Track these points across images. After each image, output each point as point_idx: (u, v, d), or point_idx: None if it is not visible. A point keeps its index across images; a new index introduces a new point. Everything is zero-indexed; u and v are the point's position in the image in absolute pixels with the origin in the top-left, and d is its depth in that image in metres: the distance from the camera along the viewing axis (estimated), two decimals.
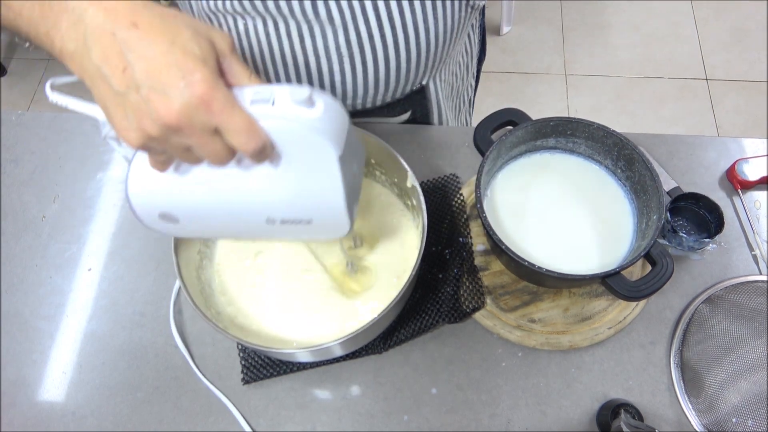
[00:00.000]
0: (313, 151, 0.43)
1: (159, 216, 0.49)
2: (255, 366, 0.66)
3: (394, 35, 0.66)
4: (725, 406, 0.62)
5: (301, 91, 0.41)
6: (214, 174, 0.45)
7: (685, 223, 0.73)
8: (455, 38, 0.73)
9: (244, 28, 0.65)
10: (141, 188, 0.47)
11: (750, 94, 1.95)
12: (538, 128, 0.68)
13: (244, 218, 0.49)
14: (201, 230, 0.53)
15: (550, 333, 0.67)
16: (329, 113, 0.43)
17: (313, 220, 0.49)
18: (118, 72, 0.38)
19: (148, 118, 0.38)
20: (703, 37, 2.09)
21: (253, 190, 0.46)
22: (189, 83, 0.37)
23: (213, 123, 0.39)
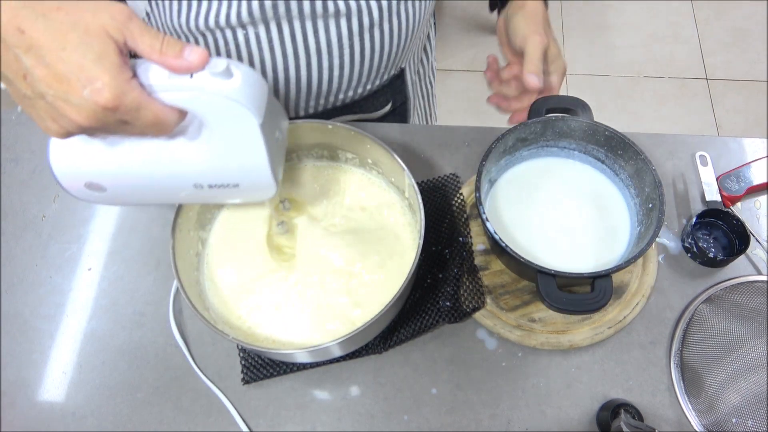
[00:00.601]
0: (235, 120, 0.45)
1: (85, 185, 0.50)
2: (255, 366, 0.66)
3: (390, 22, 0.67)
4: (725, 407, 0.62)
5: (219, 63, 0.42)
6: (139, 144, 0.47)
7: (710, 238, 0.74)
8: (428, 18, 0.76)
9: (244, 39, 0.64)
10: (64, 159, 0.48)
11: (750, 93, 1.96)
12: (532, 129, 0.68)
13: (172, 184, 0.51)
14: (129, 197, 0.54)
15: (550, 333, 0.67)
16: (248, 83, 0.45)
17: (240, 185, 0.51)
18: (19, 78, 0.39)
19: (62, 121, 0.40)
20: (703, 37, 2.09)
21: (179, 158, 0.48)
22: (92, 92, 0.38)
23: (123, 119, 0.40)
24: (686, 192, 0.77)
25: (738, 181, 0.75)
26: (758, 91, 1.96)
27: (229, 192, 0.52)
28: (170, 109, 0.42)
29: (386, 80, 0.77)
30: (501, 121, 0.80)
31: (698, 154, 0.77)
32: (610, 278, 0.58)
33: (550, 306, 0.57)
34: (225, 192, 0.52)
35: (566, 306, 0.57)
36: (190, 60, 0.41)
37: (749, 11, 2.12)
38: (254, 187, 0.52)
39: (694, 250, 0.71)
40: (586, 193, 0.70)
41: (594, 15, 2.15)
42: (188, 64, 0.41)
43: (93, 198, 0.52)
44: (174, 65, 0.41)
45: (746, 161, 0.78)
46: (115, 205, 0.59)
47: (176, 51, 0.41)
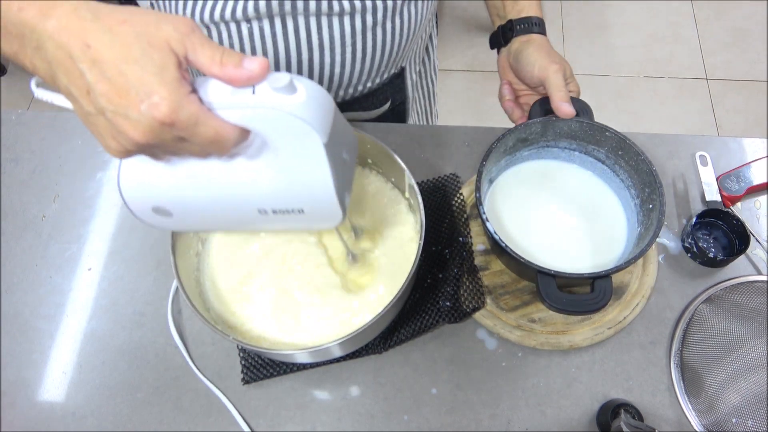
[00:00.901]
0: (298, 139, 0.43)
1: (152, 210, 0.48)
2: (255, 366, 0.66)
3: (393, 21, 0.68)
4: (725, 407, 0.62)
5: (281, 78, 0.40)
6: (203, 167, 0.45)
7: (710, 238, 0.74)
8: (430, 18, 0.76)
9: (248, 33, 0.65)
10: (133, 182, 0.47)
11: (750, 93, 1.96)
12: (532, 130, 0.68)
13: (236, 209, 0.48)
14: (196, 223, 0.52)
15: (550, 333, 0.67)
16: (312, 99, 0.42)
17: (304, 210, 0.48)
18: (83, 94, 0.38)
19: (121, 138, 0.39)
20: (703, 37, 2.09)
21: (242, 181, 0.46)
22: (149, 106, 0.37)
23: (181, 136, 0.39)
24: (686, 192, 0.77)
25: (738, 181, 0.75)
26: (758, 91, 1.96)
27: (295, 218, 0.49)
28: (230, 126, 0.41)
29: (386, 79, 0.78)
30: (501, 122, 0.80)
31: (698, 154, 0.77)
32: (609, 279, 0.58)
33: (550, 306, 0.57)
34: (290, 218, 0.49)
35: (566, 306, 0.57)
36: (250, 69, 0.40)
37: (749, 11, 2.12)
38: (320, 212, 0.49)
39: (694, 250, 0.71)
40: (585, 193, 0.70)
41: (594, 15, 2.15)
42: (249, 73, 0.40)
43: (161, 223, 0.50)
44: (234, 75, 0.40)
45: (746, 161, 0.78)
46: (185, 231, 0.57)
47: (236, 61, 0.39)
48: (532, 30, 0.73)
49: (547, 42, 0.73)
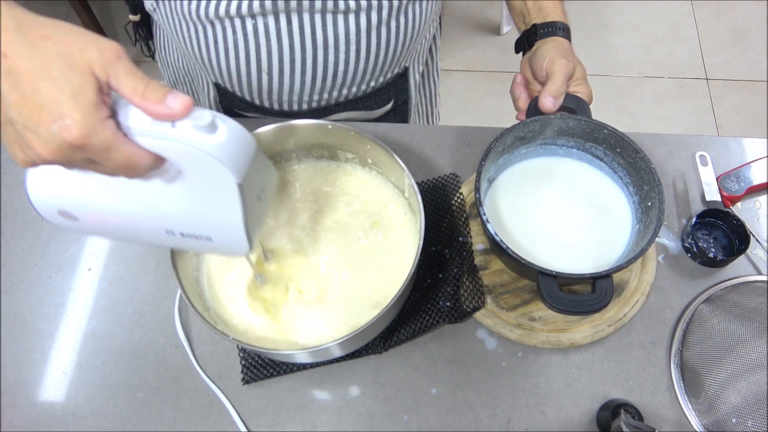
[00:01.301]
0: (213, 176, 0.43)
1: (58, 212, 0.48)
2: (255, 366, 0.66)
3: (397, 20, 0.68)
4: (725, 407, 0.62)
5: (203, 116, 0.40)
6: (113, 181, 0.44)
7: (710, 238, 0.74)
8: (434, 18, 0.76)
9: (252, 29, 0.65)
10: (40, 184, 0.47)
11: (750, 93, 1.96)
12: (530, 128, 0.68)
13: (144, 226, 0.49)
14: (101, 231, 0.52)
15: (550, 331, 0.67)
16: (232, 140, 0.42)
17: (212, 238, 0.49)
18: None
19: (28, 151, 0.39)
20: (703, 37, 2.09)
21: (152, 201, 0.46)
22: (60, 128, 0.37)
23: (90, 158, 0.39)
24: (686, 192, 0.77)
25: (738, 181, 0.75)
26: (758, 91, 1.96)
27: (202, 244, 0.50)
28: (145, 153, 0.41)
29: (390, 78, 0.78)
30: (500, 121, 0.80)
31: (698, 154, 0.77)
32: (611, 278, 0.58)
33: (552, 307, 0.57)
34: (197, 243, 0.50)
35: (568, 307, 0.57)
36: (172, 107, 0.39)
37: (749, 11, 2.12)
38: (227, 243, 0.50)
39: (694, 250, 0.71)
40: (585, 191, 0.70)
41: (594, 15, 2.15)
42: (170, 111, 0.39)
43: (67, 226, 0.50)
44: (154, 111, 0.39)
45: (746, 161, 0.78)
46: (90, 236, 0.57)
47: (158, 96, 0.39)
48: (556, 33, 0.73)
49: (568, 45, 0.73)
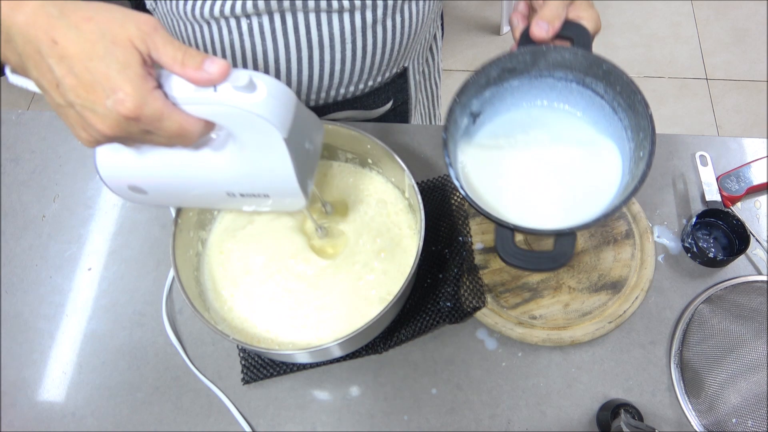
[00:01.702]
0: (260, 134, 0.45)
1: (128, 188, 0.52)
2: (255, 366, 0.66)
3: (393, 20, 0.68)
4: (725, 407, 0.62)
5: (241, 76, 0.42)
6: (171, 152, 0.47)
7: (710, 238, 0.74)
8: (433, 18, 0.76)
9: (247, 28, 0.65)
10: (109, 163, 0.50)
11: (750, 93, 1.95)
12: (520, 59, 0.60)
13: (206, 191, 0.52)
14: (170, 201, 0.56)
15: (551, 329, 0.67)
16: (272, 96, 0.44)
17: (270, 195, 0.52)
18: (53, 87, 0.40)
19: (90, 130, 0.41)
20: (703, 37, 2.09)
21: (210, 167, 0.49)
22: (114, 102, 0.39)
23: (147, 129, 0.41)
24: (686, 192, 0.77)
25: (738, 181, 0.75)
26: (758, 91, 1.96)
27: (261, 201, 0.53)
28: (195, 120, 0.43)
29: (388, 78, 0.78)
30: None
31: (698, 154, 0.77)
32: (573, 236, 0.53)
33: (505, 260, 0.53)
34: (257, 201, 0.53)
35: (520, 262, 0.53)
36: (210, 72, 0.41)
37: (749, 11, 2.12)
38: (284, 197, 0.52)
39: (694, 250, 0.71)
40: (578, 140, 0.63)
41: None
42: (208, 75, 0.41)
43: (138, 199, 0.53)
44: (194, 77, 0.41)
45: (746, 161, 0.78)
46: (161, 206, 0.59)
47: (197, 63, 0.41)
48: None
49: None
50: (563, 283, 0.70)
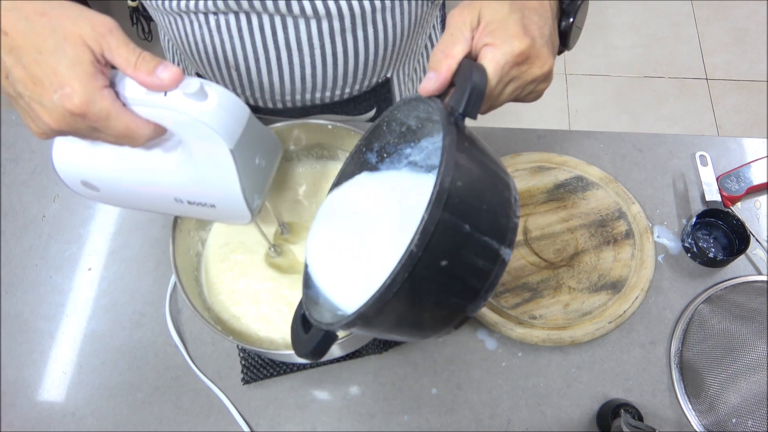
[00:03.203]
0: (207, 143, 0.45)
1: (81, 183, 0.52)
2: (255, 366, 0.66)
3: (365, 30, 0.66)
4: (725, 407, 0.62)
5: (192, 84, 0.42)
6: (124, 151, 0.47)
7: (710, 238, 0.74)
8: (417, 31, 0.74)
9: (215, 25, 0.65)
10: (64, 156, 0.50)
11: (750, 93, 1.95)
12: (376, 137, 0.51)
13: (155, 195, 0.52)
14: (121, 202, 0.55)
15: (551, 329, 0.67)
16: (221, 106, 0.44)
17: (216, 206, 0.51)
18: (4, 77, 0.41)
19: (38, 122, 0.41)
20: (703, 37, 2.09)
21: (159, 170, 0.49)
22: (61, 97, 0.39)
23: (93, 126, 0.41)
24: (686, 192, 0.77)
25: (738, 181, 0.75)
26: (758, 91, 1.95)
27: (208, 212, 0.52)
28: (143, 122, 0.43)
29: (368, 87, 0.76)
30: (500, 122, 0.80)
31: (698, 154, 0.77)
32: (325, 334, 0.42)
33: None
34: (204, 211, 0.52)
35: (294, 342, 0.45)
36: (161, 77, 0.41)
37: (749, 11, 2.12)
38: (230, 210, 0.52)
39: (694, 250, 0.71)
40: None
41: (594, 15, 2.15)
42: (159, 81, 0.41)
43: (90, 196, 0.53)
44: (146, 81, 0.41)
45: (746, 161, 0.78)
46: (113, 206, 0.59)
47: (150, 67, 0.41)
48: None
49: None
50: (563, 283, 0.70)
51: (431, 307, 0.39)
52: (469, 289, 0.39)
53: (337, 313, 0.44)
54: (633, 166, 0.79)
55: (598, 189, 0.76)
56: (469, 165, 0.38)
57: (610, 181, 0.76)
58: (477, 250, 0.38)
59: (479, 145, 0.41)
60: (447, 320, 0.41)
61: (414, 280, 0.35)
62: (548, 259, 0.71)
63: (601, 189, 0.76)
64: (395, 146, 0.52)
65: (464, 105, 0.40)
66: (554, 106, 1.92)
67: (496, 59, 0.43)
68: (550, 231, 0.73)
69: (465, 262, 0.38)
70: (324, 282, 0.47)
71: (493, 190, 0.39)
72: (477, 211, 0.38)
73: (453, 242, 0.36)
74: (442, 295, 0.38)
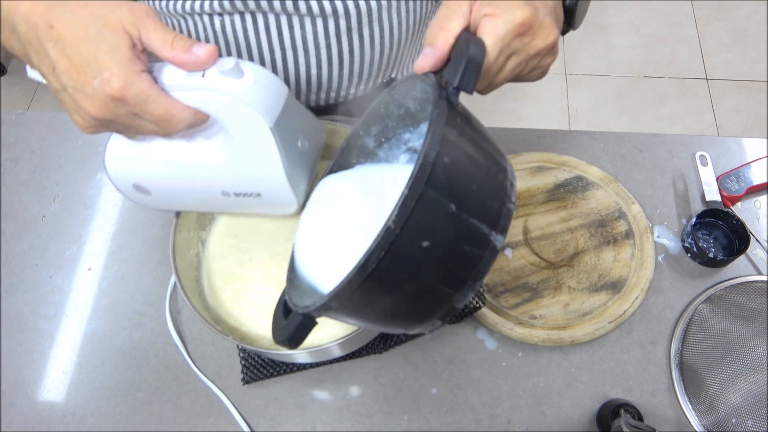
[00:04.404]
0: (247, 122, 0.45)
1: (133, 187, 0.52)
2: (255, 366, 0.66)
3: (371, 28, 0.66)
4: (725, 407, 0.62)
5: (227, 62, 0.43)
6: (170, 148, 0.48)
7: (710, 238, 0.74)
8: (422, 29, 0.74)
9: (220, 26, 0.65)
10: (116, 161, 0.50)
11: (750, 93, 1.95)
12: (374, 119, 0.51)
13: (203, 191, 0.52)
14: (171, 202, 0.55)
15: (551, 329, 0.67)
16: (259, 84, 0.44)
17: (261, 194, 0.51)
18: (50, 72, 0.42)
19: (82, 113, 0.42)
20: (703, 37, 2.09)
21: (203, 162, 0.49)
22: (101, 81, 0.40)
23: (133, 112, 0.42)
24: (686, 192, 0.77)
25: (738, 181, 0.75)
26: (758, 91, 1.95)
27: (254, 202, 0.52)
28: (182, 107, 0.43)
29: (373, 88, 0.76)
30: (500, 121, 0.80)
31: (698, 154, 0.77)
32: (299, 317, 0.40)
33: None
34: (251, 202, 0.52)
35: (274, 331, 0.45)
36: (197, 54, 0.42)
37: (749, 11, 2.12)
38: (275, 197, 0.51)
39: (694, 250, 0.71)
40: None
41: (594, 15, 2.15)
42: (195, 58, 0.42)
43: (142, 201, 0.54)
44: (183, 59, 0.42)
45: (746, 161, 0.78)
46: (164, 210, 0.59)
47: (185, 45, 0.42)
48: None
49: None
50: (563, 283, 0.70)
51: (413, 293, 0.36)
52: (455, 276, 0.36)
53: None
54: (633, 166, 0.79)
55: (598, 189, 0.76)
56: (459, 142, 0.36)
57: (610, 181, 0.76)
58: (464, 234, 0.35)
59: (475, 125, 0.39)
60: (432, 309, 0.39)
61: (392, 259, 0.33)
62: (548, 259, 0.71)
63: (601, 189, 0.76)
64: (394, 130, 0.51)
65: (459, 78, 0.37)
66: (554, 106, 1.92)
67: (497, 30, 0.41)
68: (550, 231, 0.73)
69: (450, 246, 0.35)
70: (307, 266, 0.46)
71: (485, 171, 0.37)
72: (465, 191, 0.35)
73: (436, 222, 0.34)
74: (425, 280, 0.36)
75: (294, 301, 0.43)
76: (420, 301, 0.37)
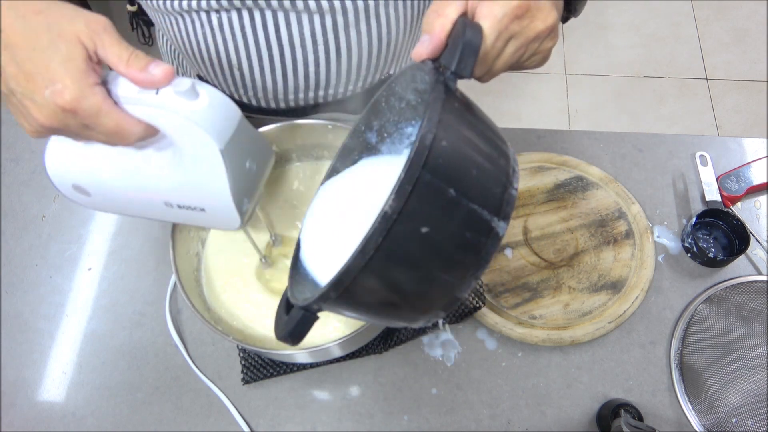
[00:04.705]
0: (197, 143, 0.45)
1: (73, 187, 0.51)
2: (255, 366, 0.66)
3: (368, 23, 0.66)
4: (725, 407, 0.62)
5: (183, 82, 0.42)
6: (116, 154, 0.47)
7: (710, 238, 0.74)
8: (419, 24, 0.73)
9: (218, 23, 0.65)
10: (56, 160, 0.50)
11: (750, 93, 1.95)
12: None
13: (145, 199, 0.51)
14: (111, 206, 0.54)
15: (551, 329, 0.67)
16: (212, 106, 0.44)
17: (205, 209, 0.51)
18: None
19: (30, 119, 0.42)
20: (703, 37, 2.09)
21: (149, 172, 0.48)
22: (53, 93, 0.39)
23: (84, 123, 0.41)
24: (686, 192, 0.77)
25: (738, 181, 0.75)
26: (758, 91, 1.95)
27: (198, 216, 0.52)
28: (134, 121, 0.43)
29: (370, 85, 0.76)
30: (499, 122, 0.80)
31: (698, 154, 0.77)
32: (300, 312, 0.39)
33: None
34: (193, 215, 0.52)
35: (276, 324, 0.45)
36: (153, 74, 0.41)
37: (749, 11, 2.12)
38: (219, 215, 0.51)
39: (694, 250, 0.71)
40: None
41: (594, 15, 2.15)
42: (151, 77, 0.41)
43: (81, 201, 0.53)
44: (137, 77, 0.41)
45: (746, 161, 0.78)
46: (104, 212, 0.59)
47: (142, 64, 0.41)
48: None
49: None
50: (563, 283, 0.70)
51: (413, 282, 0.35)
52: (457, 264, 0.35)
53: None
54: (633, 166, 0.79)
55: (598, 189, 0.76)
56: (457, 126, 0.35)
57: (610, 181, 0.76)
58: (465, 220, 0.34)
59: (474, 110, 0.38)
60: (433, 299, 0.37)
61: (391, 246, 0.32)
62: (548, 259, 0.71)
63: (601, 189, 0.76)
64: (395, 125, 0.50)
65: (456, 63, 0.37)
66: (554, 106, 1.92)
67: (494, 12, 0.41)
68: (550, 231, 0.73)
69: (450, 232, 0.34)
70: (310, 262, 0.46)
71: (486, 156, 0.36)
72: (465, 175, 0.34)
73: (435, 207, 0.33)
74: (425, 268, 0.35)
75: (295, 295, 0.43)
76: (421, 291, 0.36)
